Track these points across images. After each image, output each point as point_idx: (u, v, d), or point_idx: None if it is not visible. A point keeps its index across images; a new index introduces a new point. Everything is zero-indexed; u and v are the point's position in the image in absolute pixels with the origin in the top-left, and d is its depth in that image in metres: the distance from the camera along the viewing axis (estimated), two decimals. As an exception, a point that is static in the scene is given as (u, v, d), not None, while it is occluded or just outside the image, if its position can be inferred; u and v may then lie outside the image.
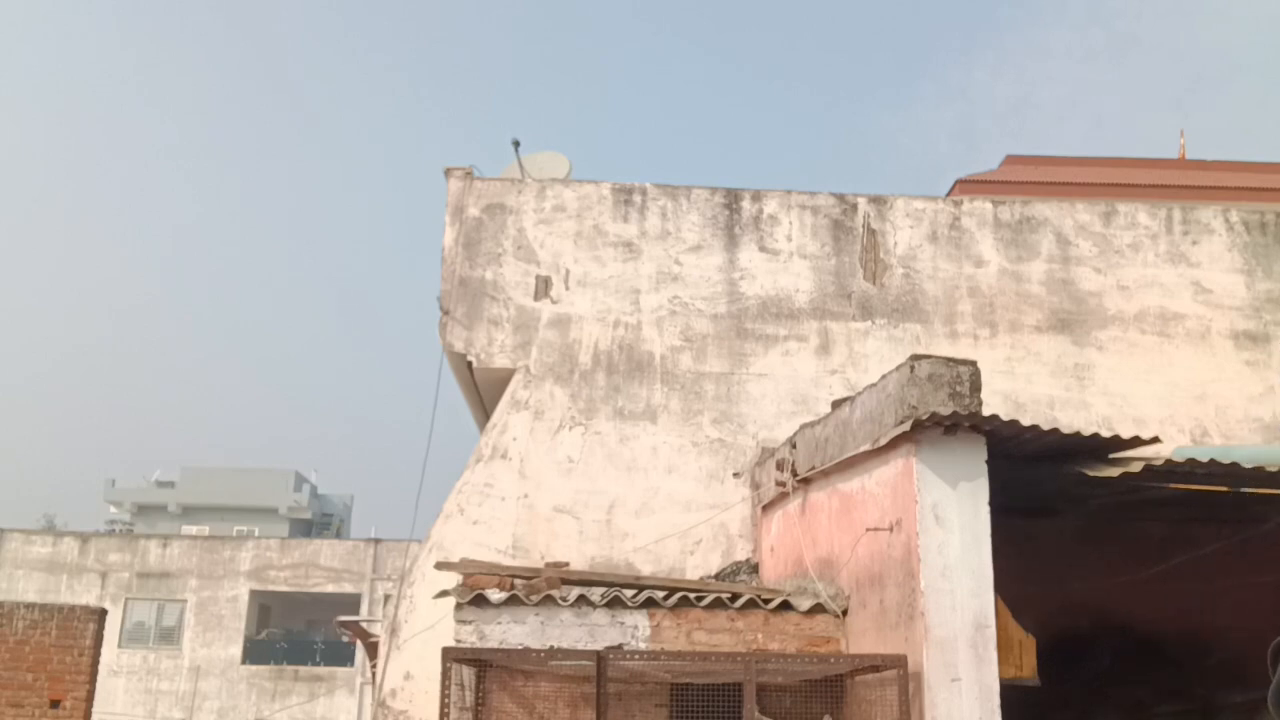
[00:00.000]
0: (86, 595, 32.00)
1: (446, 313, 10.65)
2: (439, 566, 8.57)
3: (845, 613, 7.67)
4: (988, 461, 6.64)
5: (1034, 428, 6.81)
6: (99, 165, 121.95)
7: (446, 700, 6.76)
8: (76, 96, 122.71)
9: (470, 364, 10.66)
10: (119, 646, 32.17)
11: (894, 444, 6.87)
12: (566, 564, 8.86)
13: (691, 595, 7.88)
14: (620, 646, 7.54)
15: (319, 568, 34.85)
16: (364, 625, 16.80)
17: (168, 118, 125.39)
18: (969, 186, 16.89)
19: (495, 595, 7.70)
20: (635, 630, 7.66)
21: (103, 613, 11.94)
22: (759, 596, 7.94)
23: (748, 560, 9.91)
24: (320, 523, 52.56)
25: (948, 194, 15.82)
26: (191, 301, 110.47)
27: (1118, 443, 7.25)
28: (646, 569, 9.75)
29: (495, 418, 10.49)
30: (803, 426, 8.87)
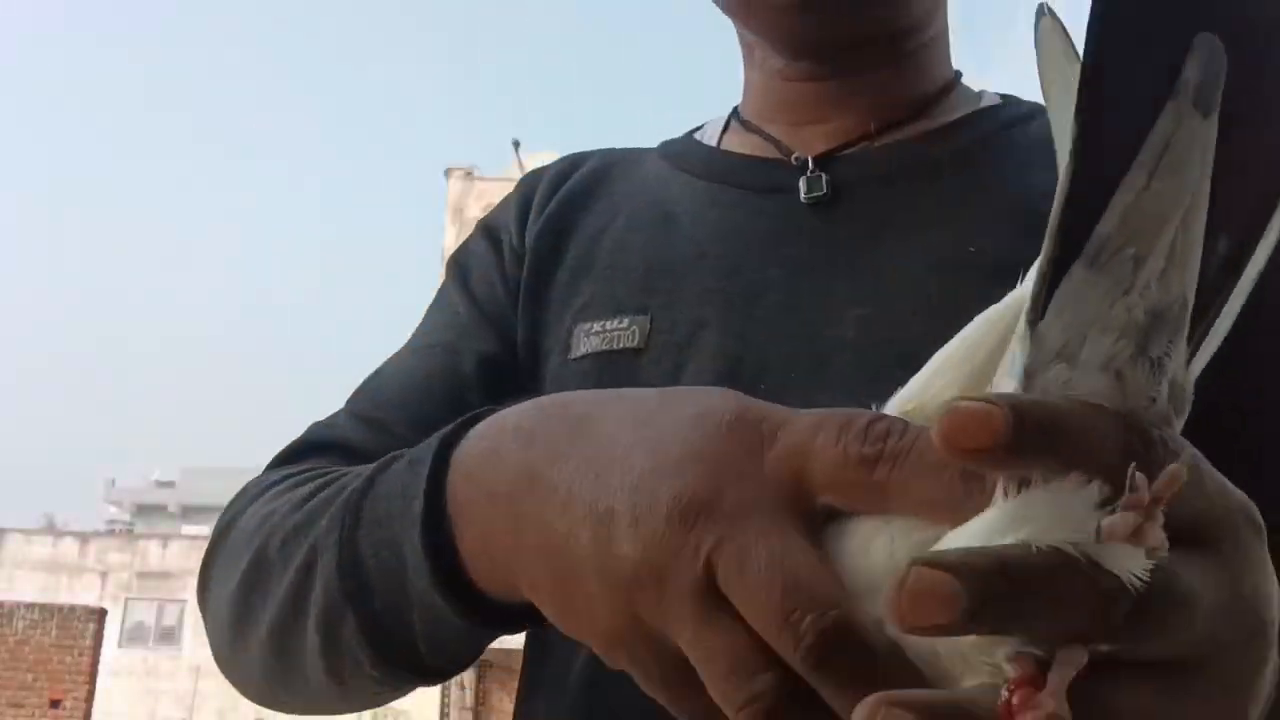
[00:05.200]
0: (86, 595, 31.96)
1: (446, 313, 10.65)
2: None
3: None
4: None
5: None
6: (100, 162, 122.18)
7: (446, 700, 6.78)
8: (75, 92, 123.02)
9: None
10: (119, 646, 32.15)
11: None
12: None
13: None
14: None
15: (319, 568, 34.93)
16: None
17: (169, 115, 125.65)
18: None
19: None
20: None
21: (103, 613, 11.96)
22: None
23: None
24: (320, 523, 52.63)
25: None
26: (191, 300, 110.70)
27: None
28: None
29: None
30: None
